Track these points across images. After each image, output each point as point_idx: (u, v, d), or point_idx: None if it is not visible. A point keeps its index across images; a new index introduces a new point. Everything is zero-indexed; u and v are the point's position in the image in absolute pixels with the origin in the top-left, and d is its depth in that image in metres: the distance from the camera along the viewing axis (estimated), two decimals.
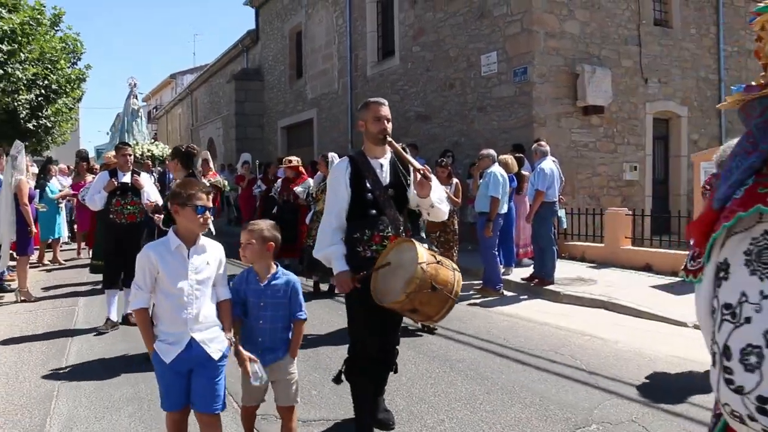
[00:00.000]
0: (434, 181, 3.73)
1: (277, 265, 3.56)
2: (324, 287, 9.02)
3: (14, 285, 9.71)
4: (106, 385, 5.14)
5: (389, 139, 3.86)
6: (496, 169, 8.66)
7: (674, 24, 14.06)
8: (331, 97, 19.69)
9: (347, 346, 4.05)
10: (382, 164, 3.95)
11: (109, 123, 73.95)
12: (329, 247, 3.80)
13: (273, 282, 3.49)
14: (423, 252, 3.41)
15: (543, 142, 9.46)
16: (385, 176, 3.91)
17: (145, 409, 4.53)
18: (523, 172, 10.25)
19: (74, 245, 13.72)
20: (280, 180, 11.13)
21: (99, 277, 8.03)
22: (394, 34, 16.28)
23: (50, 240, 12.19)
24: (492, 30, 12.73)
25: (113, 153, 8.31)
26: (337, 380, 4.05)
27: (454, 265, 3.65)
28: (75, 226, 13.17)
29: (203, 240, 3.29)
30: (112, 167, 7.44)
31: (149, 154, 17.09)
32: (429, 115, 14.74)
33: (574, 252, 11.05)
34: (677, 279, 8.94)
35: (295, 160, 10.55)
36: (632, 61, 13.14)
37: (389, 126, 3.91)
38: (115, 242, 7.07)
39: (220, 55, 29.10)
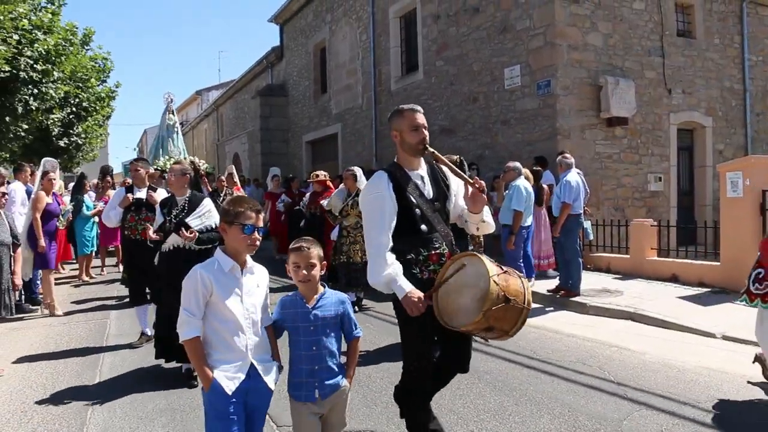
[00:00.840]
0: None
1: (324, 285, 3.22)
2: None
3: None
4: (139, 396, 5.27)
5: (431, 149, 3.55)
6: (521, 182, 8.73)
7: (697, 34, 14.05)
8: (356, 111, 19.87)
9: (374, 353, 4.07)
10: (422, 176, 3.65)
11: (136, 139, 75.15)
12: (387, 270, 3.38)
13: (321, 303, 3.14)
14: (491, 264, 3.15)
15: (567, 154, 9.51)
16: (428, 189, 3.61)
17: (178, 420, 4.65)
18: (543, 184, 10.32)
19: (98, 261, 13.91)
20: (308, 194, 11.27)
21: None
22: (418, 48, 16.43)
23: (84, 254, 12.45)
24: (515, 44, 12.82)
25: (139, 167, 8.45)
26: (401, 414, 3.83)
27: (518, 272, 3.36)
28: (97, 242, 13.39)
29: (250, 261, 3.08)
30: (134, 183, 7.48)
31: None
32: (453, 129, 14.84)
33: (600, 263, 11.05)
34: (705, 290, 8.93)
35: (323, 174, 10.69)
36: (656, 72, 13.15)
37: (427, 135, 3.62)
38: (131, 258, 7.14)
39: (245, 71, 29.51)
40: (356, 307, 8.68)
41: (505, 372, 5.71)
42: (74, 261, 13.07)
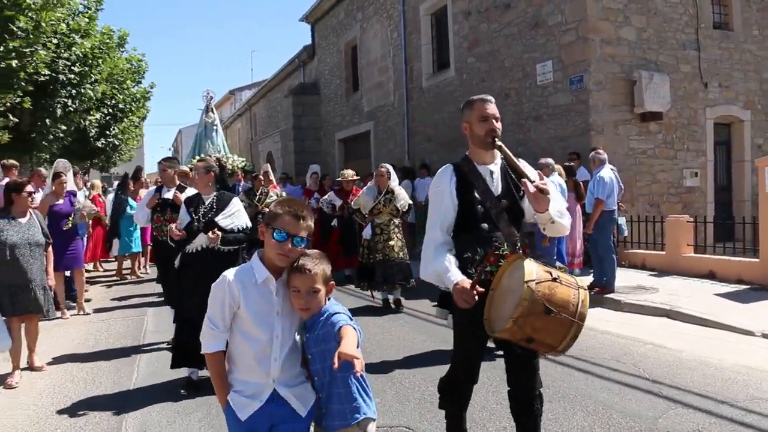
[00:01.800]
0: (553, 192, 3.17)
1: (328, 299, 2.71)
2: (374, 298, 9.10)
3: (87, 295, 10.18)
4: (176, 390, 5.38)
5: (499, 142, 3.29)
6: (555, 178, 8.68)
7: (735, 26, 13.77)
8: (387, 109, 19.90)
9: (408, 350, 4.07)
10: (492, 171, 3.40)
11: (171, 139, 76.20)
12: (437, 262, 3.22)
13: (315, 326, 2.64)
14: (533, 268, 2.86)
15: (600, 150, 9.42)
16: (496, 185, 3.36)
17: (214, 414, 4.72)
18: (578, 180, 10.25)
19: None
20: (332, 192, 11.37)
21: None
22: (449, 45, 16.39)
23: (127, 254, 12.75)
24: (547, 39, 12.72)
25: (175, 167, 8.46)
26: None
27: (580, 282, 2.99)
28: None
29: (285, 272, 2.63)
30: (165, 183, 7.41)
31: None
32: None
33: (634, 260, 10.92)
34: (743, 287, 8.78)
35: (352, 173, 10.85)
36: (691, 66, 12.93)
37: (499, 126, 3.37)
38: (160, 259, 7.27)
39: (277, 70, 29.72)
40: (393, 305, 8.70)
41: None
42: (113, 259, 13.32)
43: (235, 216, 5.51)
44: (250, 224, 5.68)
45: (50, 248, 6.29)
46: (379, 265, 8.57)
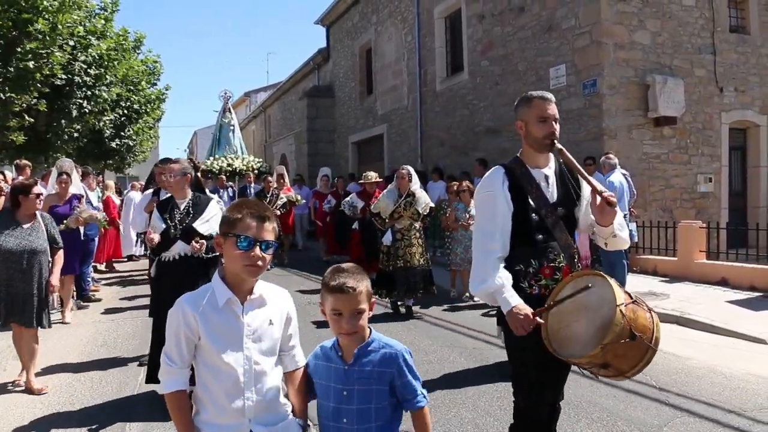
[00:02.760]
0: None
1: (370, 330, 2.33)
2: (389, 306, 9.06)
3: (99, 295, 10.26)
4: None
5: (559, 145, 3.00)
6: None
7: (752, 30, 13.64)
8: (401, 112, 19.91)
9: (414, 354, 4.00)
10: (547, 175, 3.10)
11: (186, 141, 76.64)
12: (492, 279, 2.87)
13: (365, 359, 2.27)
14: (619, 290, 2.61)
15: (611, 155, 9.38)
16: (552, 191, 3.08)
17: None
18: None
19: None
20: (354, 194, 11.12)
21: None
22: (463, 49, 16.38)
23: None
24: (560, 43, 12.68)
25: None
26: None
27: (648, 304, 2.78)
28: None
29: (260, 287, 2.28)
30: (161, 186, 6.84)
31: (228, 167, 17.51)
32: (499, 129, 14.75)
33: (646, 266, 10.84)
34: (756, 294, 8.70)
35: (375, 175, 10.70)
36: (706, 70, 12.83)
37: (557, 128, 3.06)
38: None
39: (292, 73, 29.85)
40: (404, 311, 8.42)
41: None
42: (125, 260, 13.43)
43: (213, 221, 5.04)
44: None
45: (60, 252, 5.89)
46: (399, 272, 8.26)
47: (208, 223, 5.05)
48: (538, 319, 2.74)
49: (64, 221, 8.06)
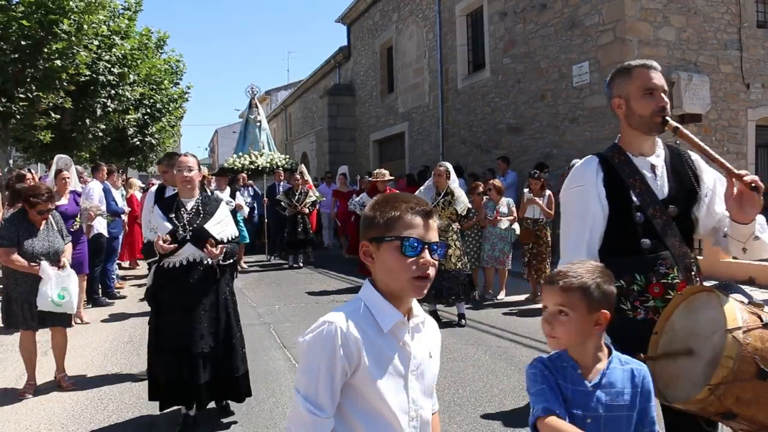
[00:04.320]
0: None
1: (610, 349, 1.94)
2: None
3: (123, 293, 10.37)
4: None
5: (673, 123, 2.43)
6: None
7: None
8: (422, 110, 19.88)
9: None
10: (654, 165, 2.50)
11: (207, 139, 77.18)
12: None
13: (609, 378, 1.87)
14: (734, 310, 1.95)
15: None
16: (661, 184, 2.47)
17: (244, 412, 4.78)
18: None
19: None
20: (364, 193, 10.93)
21: None
22: (485, 46, 16.32)
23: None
24: (584, 40, 12.59)
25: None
26: None
27: None
28: None
29: (417, 308, 1.77)
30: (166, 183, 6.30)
31: (245, 166, 17.53)
32: (520, 127, 14.69)
33: None
34: None
35: (385, 172, 10.49)
36: (732, 66, 12.67)
37: (668, 102, 2.48)
38: None
39: (313, 71, 29.93)
40: (463, 321, 7.75)
41: None
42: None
43: (224, 223, 4.62)
44: (237, 233, 4.84)
45: (69, 245, 5.80)
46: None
47: (220, 225, 4.56)
48: (647, 356, 2.14)
49: (77, 219, 8.15)
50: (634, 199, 2.42)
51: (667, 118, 2.42)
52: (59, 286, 5.32)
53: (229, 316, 4.57)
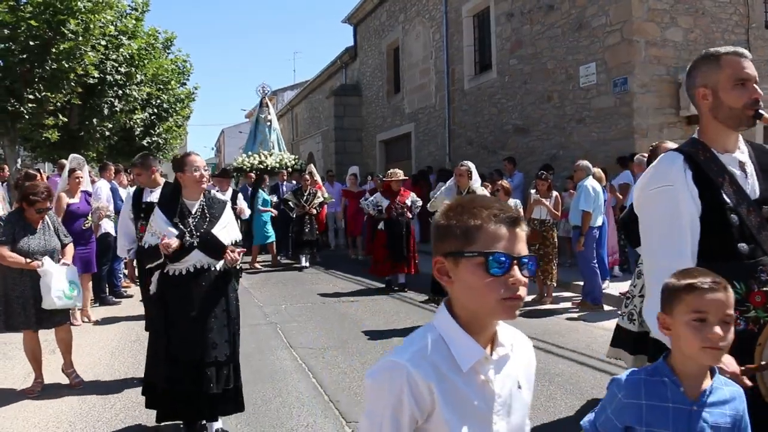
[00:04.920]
0: None
1: (715, 372, 1.75)
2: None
3: (130, 291, 10.41)
4: None
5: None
6: (589, 182, 8.57)
7: None
8: (429, 111, 19.89)
9: None
10: (743, 162, 2.29)
11: (214, 139, 77.33)
12: None
13: (714, 398, 1.71)
14: None
15: (644, 155, 9.31)
16: (752, 183, 2.26)
17: (250, 412, 4.79)
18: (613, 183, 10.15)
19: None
20: (378, 193, 10.84)
21: None
22: (491, 47, 16.30)
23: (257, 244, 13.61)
24: (590, 41, 12.57)
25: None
26: None
27: None
28: None
29: (506, 332, 1.51)
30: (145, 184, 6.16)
31: (256, 165, 17.53)
32: (527, 128, 14.67)
33: None
34: None
35: (399, 172, 10.49)
36: None
37: (761, 93, 2.28)
38: (144, 275, 5.54)
39: (319, 71, 29.96)
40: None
41: (577, 375, 5.64)
42: None
43: (230, 227, 4.41)
44: (240, 237, 4.55)
45: (70, 245, 5.74)
46: None
47: (226, 229, 4.32)
48: (745, 379, 1.89)
49: (89, 217, 8.23)
50: (726, 199, 2.18)
51: (761, 111, 2.25)
52: (68, 278, 5.35)
53: (236, 324, 4.41)
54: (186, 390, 4.08)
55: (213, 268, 4.24)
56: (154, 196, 5.75)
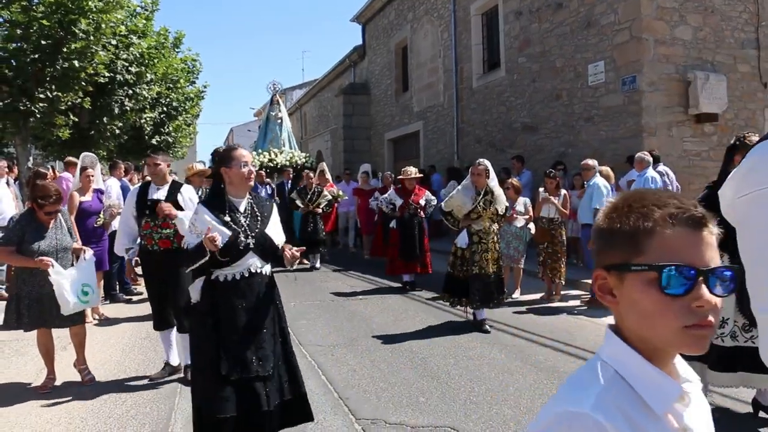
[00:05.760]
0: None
1: None
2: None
3: (140, 288, 10.47)
4: None
5: None
6: (599, 180, 8.59)
7: None
8: (437, 109, 19.90)
9: (454, 350, 3.96)
10: None
11: (223, 137, 77.51)
12: None
13: None
14: None
15: (646, 153, 9.35)
16: None
17: None
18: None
19: None
20: (392, 191, 10.68)
21: None
22: (500, 45, 16.31)
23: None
24: (599, 39, 12.56)
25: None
26: None
27: None
28: None
29: (683, 365, 1.18)
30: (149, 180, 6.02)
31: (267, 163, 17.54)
32: (535, 126, 14.67)
33: None
34: None
35: (413, 170, 10.34)
36: (750, 66, 12.59)
37: None
38: (149, 274, 5.80)
39: (328, 70, 30.02)
40: (479, 325, 7.38)
41: None
42: None
43: (279, 228, 4.05)
44: (285, 239, 4.10)
45: (76, 245, 5.70)
46: (475, 280, 7.26)
47: (275, 230, 3.97)
48: None
49: (101, 215, 8.25)
50: None
51: None
52: (79, 283, 5.36)
53: (285, 330, 3.99)
54: (243, 411, 3.59)
55: (264, 272, 3.88)
56: (160, 194, 5.72)
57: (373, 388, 5.29)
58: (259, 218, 3.88)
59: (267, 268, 3.89)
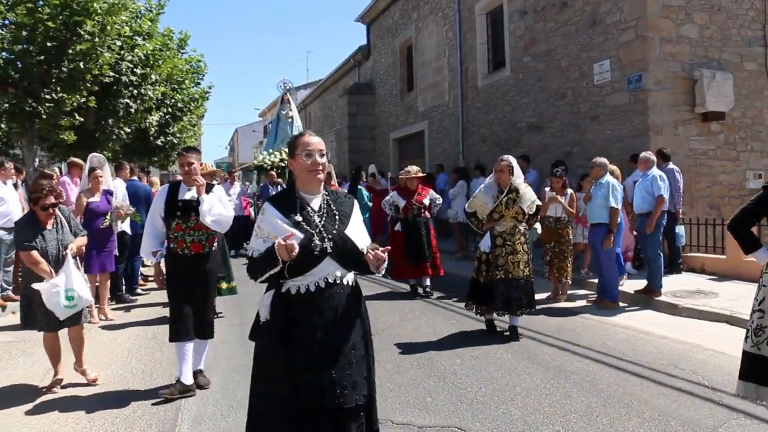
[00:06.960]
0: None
1: None
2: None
3: (148, 286, 10.50)
4: (230, 384, 5.51)
5: None
6: (608, 179, 8.55)
7: None
8: (442, 109, 19.88)
9: (460, 350, 3.93)
10: None
11: (227, 138, 77.81)
12: None
13: None
14: None
15: (650, 153, 9.33)
16: None
17: None
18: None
19: None
20: (394, 192, 10.36)
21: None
22: (505, 45, 16.27)
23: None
24: (605, 38, 12.52)
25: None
26: None
27: None
28: None
29: None
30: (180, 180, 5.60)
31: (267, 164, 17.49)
32: (541, 126, 14.64)
33: (693, 264, 10.65)
34: None
35: (416, 169, 10.01)
36: (756, 63, 12.54)
37: None
38: (177, 279, 5.33)
39: (332, 70, 30.04)
40: (508, 333, 7.07)
41: (592, 372, 5.62)
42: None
43: (362, 229, 3.28)
44: (370, 241, 3.30)
45: (80, 238, 5.65)
46: (500, 284, 6.85)
47: (358, 231, 3.21)
48: None
49: (107, 216, 8.29)
50: None
51: None
52: (64, 288, 5.24)
53: (371, 354, 3.23)
54: None
55: (346, 282, 3.12)
56: (190, 195, 5.36)
57: (380, 388, 5.24)
58: (336, 217, 3.14)
59: (349, 277, 3.15)
